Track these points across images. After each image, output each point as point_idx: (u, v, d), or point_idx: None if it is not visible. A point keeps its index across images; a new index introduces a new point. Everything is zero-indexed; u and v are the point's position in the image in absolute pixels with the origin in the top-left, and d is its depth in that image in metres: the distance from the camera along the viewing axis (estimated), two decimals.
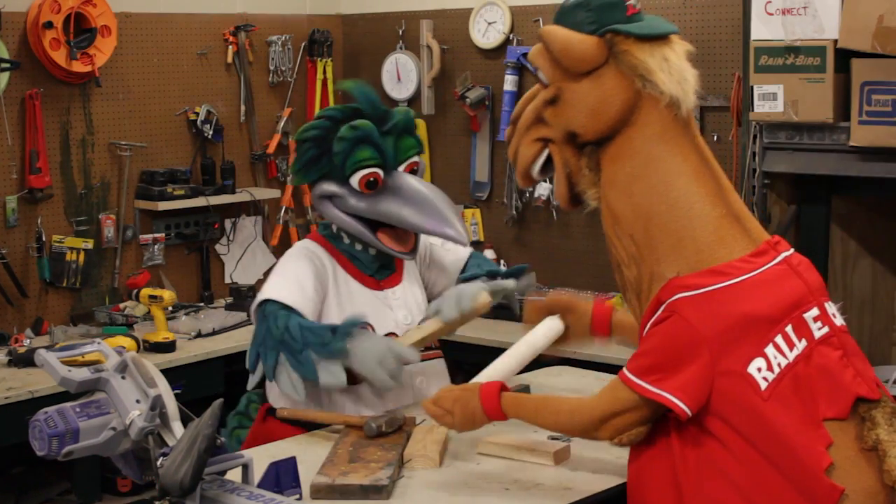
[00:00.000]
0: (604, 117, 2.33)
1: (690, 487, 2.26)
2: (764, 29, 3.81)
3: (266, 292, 2.96)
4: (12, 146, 4.74)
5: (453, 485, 2.55)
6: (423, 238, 3.19)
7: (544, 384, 3.32)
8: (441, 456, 2.68)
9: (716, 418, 2.24)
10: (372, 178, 2.97)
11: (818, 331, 2.29)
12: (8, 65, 4.61)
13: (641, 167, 2.33)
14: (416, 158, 3.07)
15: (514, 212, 5.37)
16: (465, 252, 3.26)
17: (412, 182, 3.02)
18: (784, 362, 2.23)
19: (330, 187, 3.01)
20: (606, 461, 2.67)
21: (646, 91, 2.31)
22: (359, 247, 3.08)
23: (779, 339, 2.24)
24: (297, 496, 2.41)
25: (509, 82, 5.27)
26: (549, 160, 2.47)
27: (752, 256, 2.29)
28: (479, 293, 2.98)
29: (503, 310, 3.36)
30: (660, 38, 2.34)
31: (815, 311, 2.30)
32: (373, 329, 3.01)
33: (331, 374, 2.79)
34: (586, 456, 2.70)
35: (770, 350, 2.23)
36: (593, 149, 2.39)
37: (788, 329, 2.25)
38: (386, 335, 3.01)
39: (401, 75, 5.68)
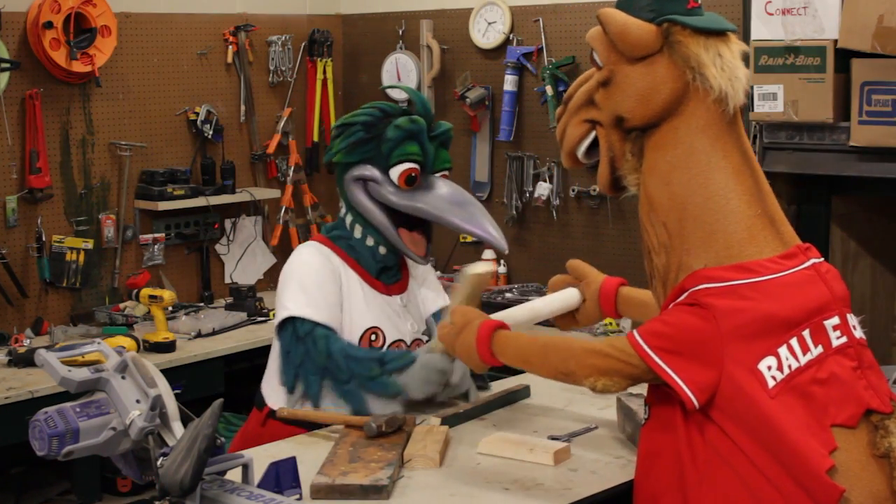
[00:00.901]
0: (651, 104, 2.36)
1: (697, 477, 2.26)
2: (764, 29, 3.81)
3: (293, 308, 2.95)
4: (12, 146, 4.74)
5: (453, 485, 2.55)
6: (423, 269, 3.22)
7: (545, 383, 3.32)
8: (441, 456, 2.68)
9: (722, 411, 2.24)
10: (413, 174, 3.00)
11: (836, 340, 2.30)
12: (8, 65, 4.61)
13: (683, 157, 2.35)
14: (447, 171, 3.11)
15: (514, 212, 5.37)
16: (438, 303, 3.23)
17: (450, 184, 3.07)
18: (795, 365, 2.24)
19: (370, 172, 3.01)
20: (606, 461, 2.67)
21: (695, 83, 2.34)
22: (370, 242, 3.05)
23: (794, 342, 2.26)
24: (297, 496, 2.41)
25: (509, 82, 5.27)
26: (594, 144, 2.50)
27: (781, 258, 2.32)
28: (476, 265, 2.95)
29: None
30: (717, 34, 2.38)
31: (835, 320, 2.32)
32: (383, 335, 3.02)
33: (383, 406, 2.89)
34: (586, 456, 2.70)
35: (783, 351, 2.24)
36: (638, 134, 2.42)
37: (805, 333, 2.27)
38: (393, 343, 3.02)
39: (401, 75, 5.68)
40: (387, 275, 3.10)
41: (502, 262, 5.44)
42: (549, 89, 5.13)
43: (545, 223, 5.32)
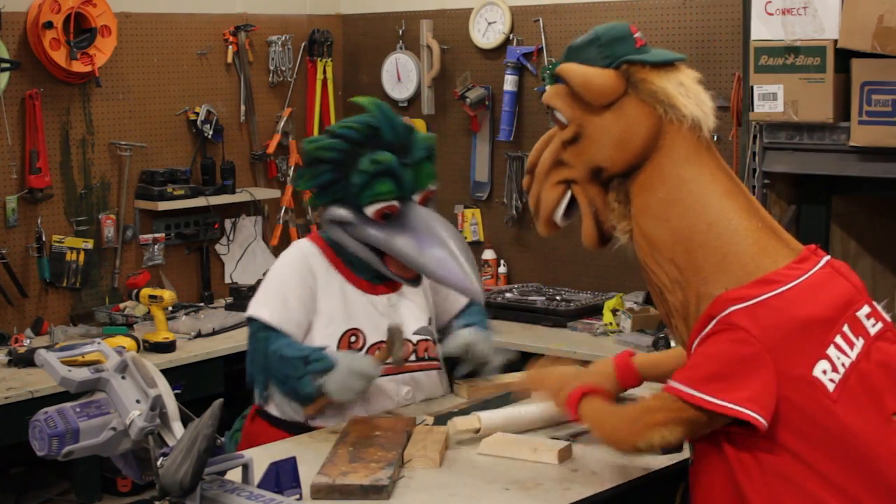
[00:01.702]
0: (630, 146, 2.35)
1: (761, 501, 2.23)
2: (764, 29, 3.81)
3: (251, 308, 3.02)
4: (12, 146, 4.74)
5: (453, 485, 2.55)
6: None
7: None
8: (441, 456, 2.68)
9: (784, 428, 2.21)
10: (388, 211, 2.93)
11: (872, 327, 2.31)
12: (8, 65, 4.61)
13: (674, 191, 2.34)
14: (432, 187, 3.03)
15: (514, 212, 5.37)
16: (461, 302, 3.23)
17: (426, 219, 2.95)
18: (848, 361, 2.24)
19: (343, 213, 2.97)
20: (607, 461, 2.67)
21: (668, 116, 2.34)
22: (361, 261, 3.04)
23: (839, 340, 2.25)
24: (297, 496, 2.41)
25: (509, 82, 5.27)
26: (570, 203, 2.49)
27: (797, 263, 2.31)
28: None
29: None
30: (670, 66, 2.38)
31: (866, 309, 2.33)
32: (363, 337, 3.01)
33: (313, 405, 2.94)
34: (587, 456, 2.70)
35: (832, 351, 2.23)
36: (621, 181, 2.40)
37: (846, 328, 2.27)
38: (374, 344, 3.01)
39: (401, 75, 5.68)
40: (379, 279, 3.08)
41: (502, 261, 5.44)
42: (549, 89, 5.12)
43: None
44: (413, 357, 3.08)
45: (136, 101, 5.17)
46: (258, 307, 3.00)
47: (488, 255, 5.44)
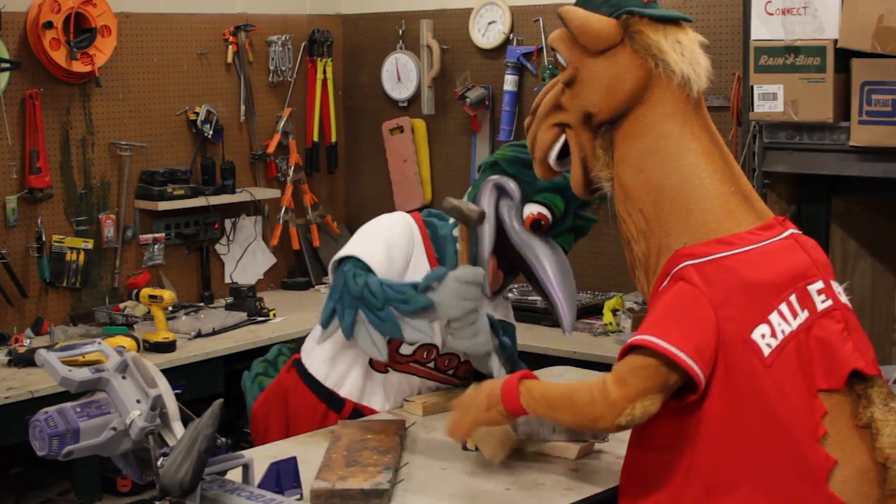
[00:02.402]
0: (618, 94, 2.40)
1: (699, 457, 2.26)
2: (764, 29, 3.81)
3: (350, 248, 2.93)
4: (12, 146, 4.74)
5: (453, 485, 2.55)
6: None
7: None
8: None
9: (718, 384, 2.24)
10: (541, 222, 2.96)
11: (821, 304, 2.32)
12: (8, 65, 4.61)
13: (653, 143, 2.39)
14: (566, 247, 3.09)
15: None
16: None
17: (563, 253, 3.05)
18: (788, 330, 2.26)
19: (512, 187, 2.97)
20: (607, 461, 2.67)
21: (658, 70, 2.39)
22: (454, 232, 3.00)
23: (783, 307, 2.27)
24: (298, 496, 2.41)
25: (509, 82, 5.27)
26: (564, 148, 2.54)
27: (759, 230, 2.35)
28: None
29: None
30: (673, 23, 2.43)
31: (819, 284, 2.33)
32: None
33: (417, 330, 2.80)
34: (585, 456, 2.70)
35: (774, 317, 2.26)
36: (608, 128, 2.45)
37: (792, 298, 2.29)
38: (427, 344, 3.00)
39: (401, 75, 5.68)
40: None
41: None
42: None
43: None
44: (451, 372, 3.09)
45: (136, 101, 5.17)
46: (358, 249, 2.91)
47: None
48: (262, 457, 2.48)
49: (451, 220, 3.04)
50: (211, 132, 5.37)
